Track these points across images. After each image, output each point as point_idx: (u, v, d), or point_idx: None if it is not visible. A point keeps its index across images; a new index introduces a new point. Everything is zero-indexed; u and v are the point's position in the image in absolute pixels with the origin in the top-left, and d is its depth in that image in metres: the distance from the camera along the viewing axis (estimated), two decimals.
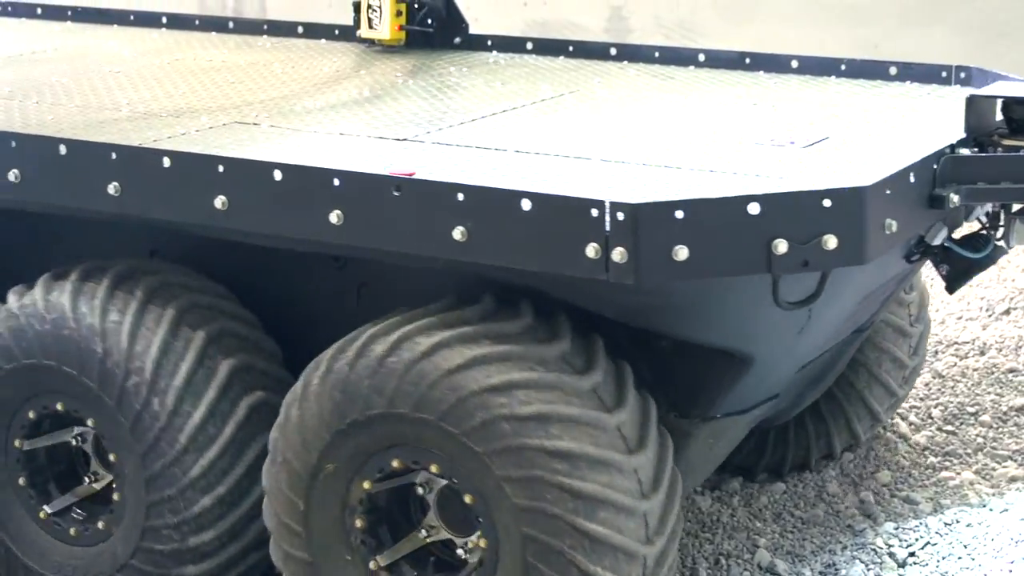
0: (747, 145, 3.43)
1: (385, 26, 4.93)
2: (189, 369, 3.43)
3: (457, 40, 5.12)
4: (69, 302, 3.50)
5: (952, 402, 5.22)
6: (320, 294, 3.68)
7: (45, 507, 3.67)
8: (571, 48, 4.97)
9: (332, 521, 3.25)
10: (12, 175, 3.44)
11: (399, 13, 4.94)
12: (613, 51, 4.89)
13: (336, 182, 3.02)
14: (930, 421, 5.10)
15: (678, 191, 2.89)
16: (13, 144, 3.45)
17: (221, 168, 3.16)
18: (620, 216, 2.67)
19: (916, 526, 4.27)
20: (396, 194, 2.95)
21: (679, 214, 2.68)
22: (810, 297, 2.95)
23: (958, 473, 4.66)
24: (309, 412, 3.20)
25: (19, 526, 3.71)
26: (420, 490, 3.18)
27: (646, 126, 3.82)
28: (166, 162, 3.23)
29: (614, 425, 3.00)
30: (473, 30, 5.18)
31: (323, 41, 5.37)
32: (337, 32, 5.38)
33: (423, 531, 3.19)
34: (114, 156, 3.30)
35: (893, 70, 4.30)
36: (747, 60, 4.59)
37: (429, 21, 5.07)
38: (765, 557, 4.04)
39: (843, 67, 4.41)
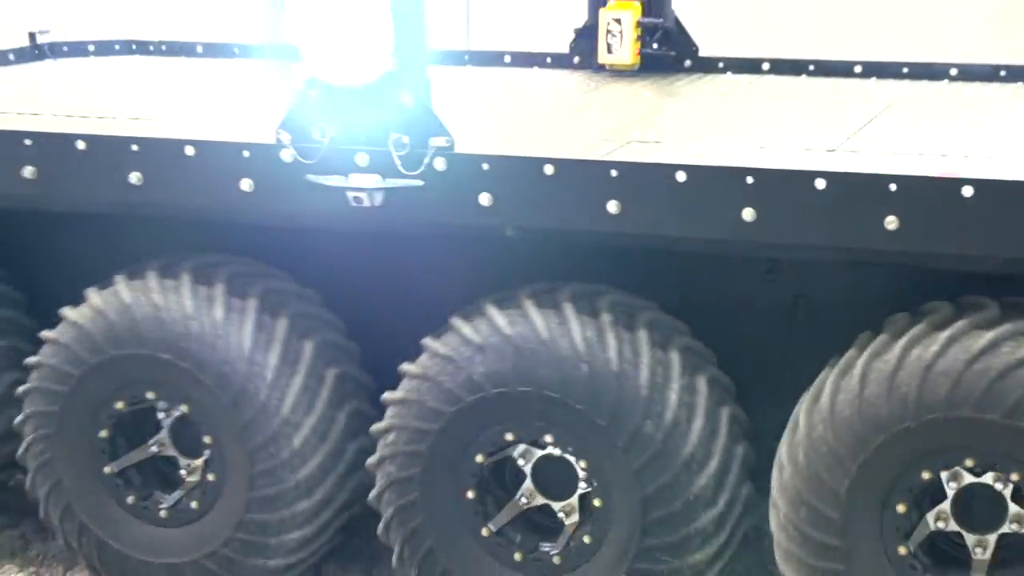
0: None
1: (626, 51, 5.06)
2: (680, 388, 3.44)
3: (688, 63, 5.26)
4: (543, 325, 3.46)
5: None
6: (750, 305, 3.73)
7: (489, 524, 3.63)
8: (812, 67, 5.15)
9: (875, 538, 3.30)
10: (484, 198, 3.36)
11: (638, 38, 5.06)
12: (858, 68, 5.09)
13: (892, 187, 3.03)
14: None
15: None
16: (485, 166, 3.35)
17: (750, 180, 3.14)
18: None
19: None
20: (967, 196, 2.99)
21: None
22: None
23: None
24: (843, 423, 3.24)
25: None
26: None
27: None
28: (681, 176, 3.17)
29: None
30: None
31: (535, 68, 5.43)
32: (549, 60, 5.46)
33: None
34: (614, 173, 3.24)
35: None
36: (1002, 72, 4.85)
37: (655, 45, 5.20)
38: None
39: None
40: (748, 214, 3.20)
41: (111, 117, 4.33)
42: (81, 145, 3.72)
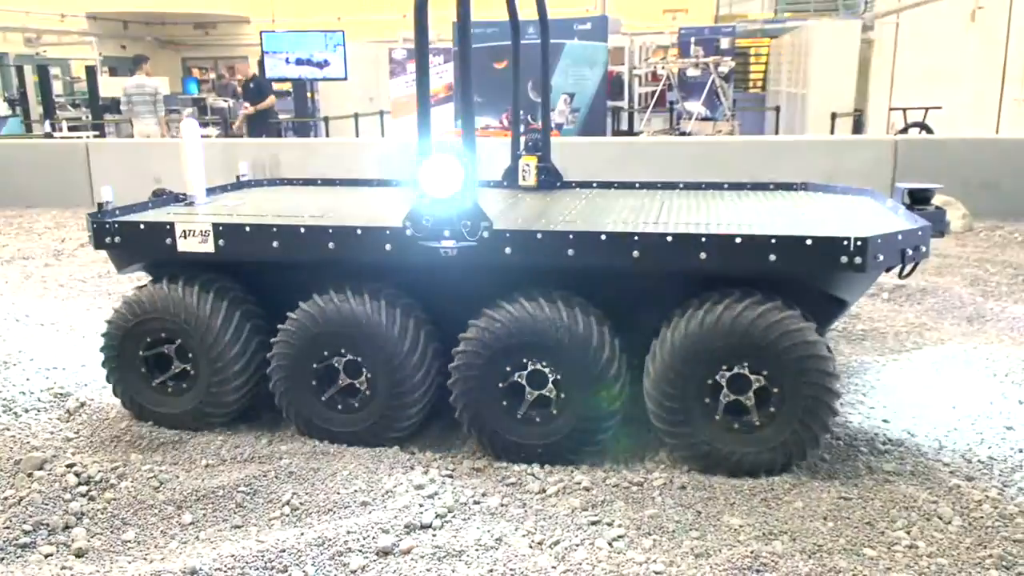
0: None
1: (531, 179, 7.52)
2: (596, 330, 5.21)
3: (558, 184, 7.61)
4: (545, 305, 5.31)
5: None
6: (628, 295, 5.59)
7: (501, 384, 5.35)
8: (615, 185, 7.54)
9: (695, 395, 5.10)
10: (507, 250, 5.07)
11: (536, 172, 7.57)
12: (636, 184, 7.51)
13: (702, 239, 5.05)
14: None
15: None
16: (508, 234, 5.30)
17: (636, 238, 4.85)
18: None
19: None
20: (737, 243, 4.99)
21: None
22: None
23: None
24: (689, 340, 5.02)
25: None
26: (755, 383, 4.99)
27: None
28: (602, 236, 5.17)
29: (818, 336, 4.90)
30: None
31: (487, 188, 7.59)
32: (491, 183, 7.72)
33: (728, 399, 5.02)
34: (571, 237, 5.20)
35: None
36: (725, 186, 7.55)
37: (543, 176, 7.66)
38: None
39: None
40: (635, 254, 4.91)
41: (324, 215, 6.02)
42: (302, 230, 5.52)
